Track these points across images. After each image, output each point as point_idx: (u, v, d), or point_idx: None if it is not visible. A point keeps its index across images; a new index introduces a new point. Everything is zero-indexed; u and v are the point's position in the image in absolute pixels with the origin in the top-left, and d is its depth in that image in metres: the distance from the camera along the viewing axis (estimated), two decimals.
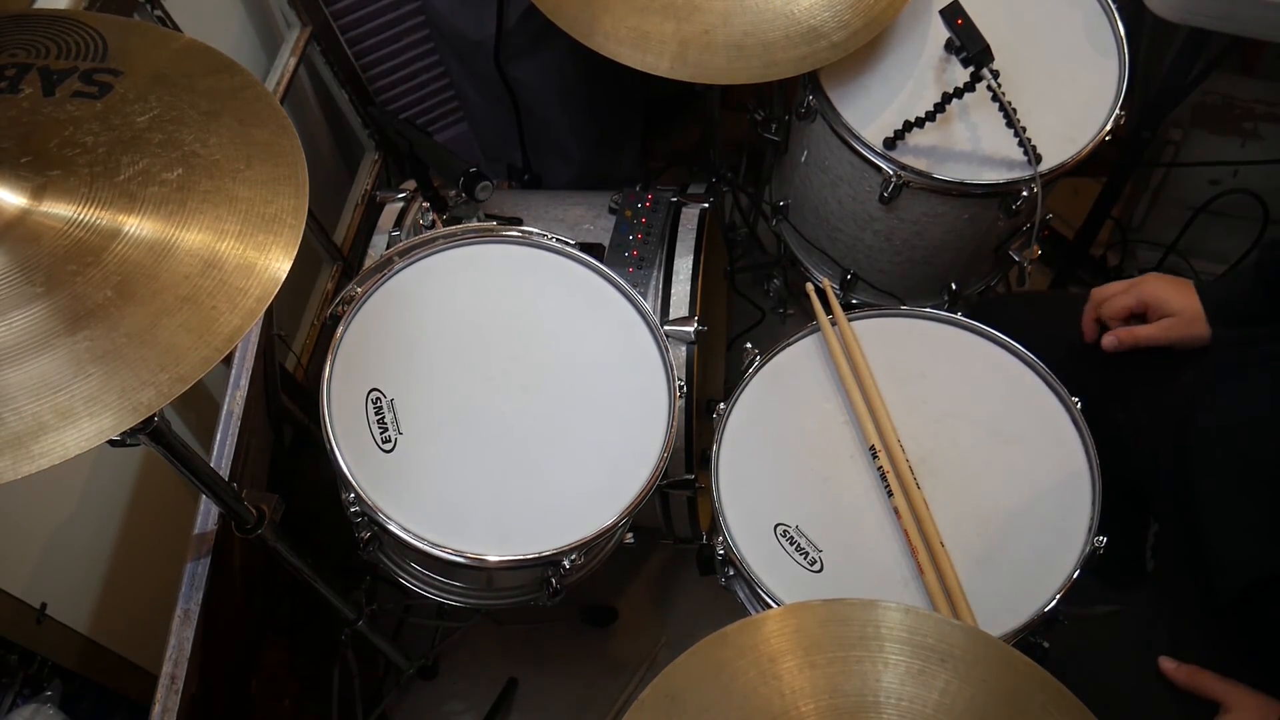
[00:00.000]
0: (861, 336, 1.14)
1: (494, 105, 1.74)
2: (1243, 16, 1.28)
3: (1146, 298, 1.07)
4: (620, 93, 1.82)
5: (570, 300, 1.15)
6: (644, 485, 1.03)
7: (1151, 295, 1.07)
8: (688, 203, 1.38)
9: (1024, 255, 1.36)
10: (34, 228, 0.70)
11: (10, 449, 0.63)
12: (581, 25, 1.17)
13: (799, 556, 1.01)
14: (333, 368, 1.05)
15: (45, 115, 0.77)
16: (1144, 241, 1.89)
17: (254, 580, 1.28)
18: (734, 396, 1.12)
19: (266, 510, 1.01)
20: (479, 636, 1.63)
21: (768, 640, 0.71)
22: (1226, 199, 1.70)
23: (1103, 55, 1.28)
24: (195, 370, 0.68)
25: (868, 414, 1.07)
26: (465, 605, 1.18)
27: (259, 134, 0.80)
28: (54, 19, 0.86)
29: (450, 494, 1.02)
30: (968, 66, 1.17)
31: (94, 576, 1.20)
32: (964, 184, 1.21)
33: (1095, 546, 0.97)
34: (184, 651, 0.99)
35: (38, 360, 0.66)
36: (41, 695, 1.03)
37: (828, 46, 1.17)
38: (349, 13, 1.67)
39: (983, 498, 1.03)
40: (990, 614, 0.95)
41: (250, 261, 0.73)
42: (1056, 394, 1.08)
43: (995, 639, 0.72)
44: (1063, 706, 0.68)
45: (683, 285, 1.28)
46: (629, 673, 1.61)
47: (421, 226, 1.31)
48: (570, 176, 1.84)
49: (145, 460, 1.29)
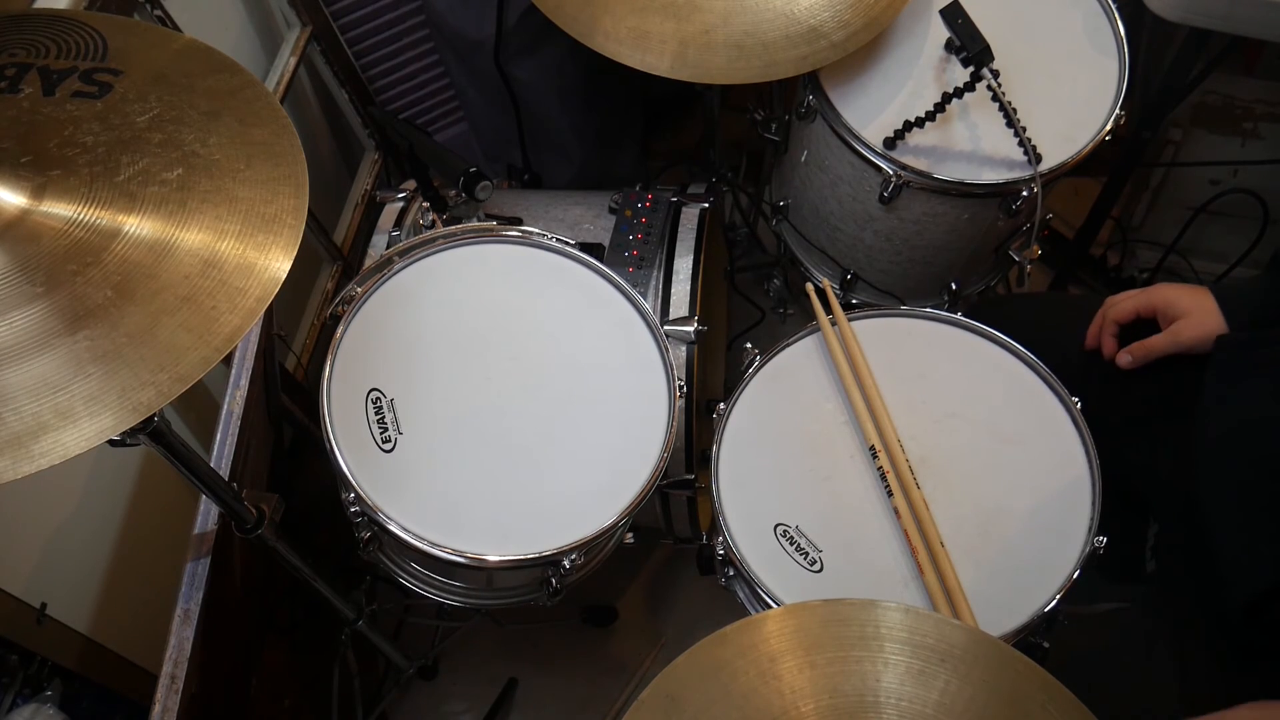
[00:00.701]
0: (861, 336, 1.14)
1: (494, 105, 1.74)
2: (1243, 16, 1.28)
3: (1157, 302, 1.06)
4: (620, 92, 1.82)
5: (570, 300, 1.15)
6: (644, 485, 1.03)
7: (1162, 299, 1.06)
8: (688, 203, 1.38)
9: (1024, 255, 1.36)
10: (34, 228, 0.70)
11: (10, 449, 0.63)
12: (581, 25, 1.17)
13: (799, 556, 1.01)
14: (333, 368, 1.05)
15: (45, 115, 0.77)
16: (1144, 241, 1.89)
17: (254, 580, 1.28)
18: (734, 396, 1.12)
19: (266, 510, 1.01)
20: (479, 636, 1.63)
21: (767, 640, 0.71)
22: (1226, 199, 1.70)
23: (1103, 55, 1.28)
24: (195, 370, 0.68)
25: (868, 414, 1.07)
26: (465, 605, 1.18)
27: (259, 134, 0.80)
28: (54, 19, 0.86)
29: (450, 494, 1.02)
30: (968, 66, 1.17)
31: (94, 576, 1.20)
32: (964, 184, 1.21)
33: (1095, 546, 0.97)
34: (184, 651, 0.98)
35: (38, 360, 0.66)
36: (41, 695, 1.03)
37: (828, 46, 1.17)
38: (349, 13, 1.67)
39: (983, 498, 1.03)
40: (990, 614, 0.95)
41: (250, 261, 0.73)
42: (1056, 394, 1.08)
43: (995, 639, 0.72)
44: (1063, 706, 0.68)
45: (683, 285, 1.28)
46: (629, 673, 1.61)
47: (421, 226, 1.31)
48: (570, 176, 1.84)
49: (145, 460, 1.29)
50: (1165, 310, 1.06)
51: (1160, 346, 1.06)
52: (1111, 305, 1.10)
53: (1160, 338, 1.06)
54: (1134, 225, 1.88)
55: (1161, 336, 1.05)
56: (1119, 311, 1.09)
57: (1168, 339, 1.05)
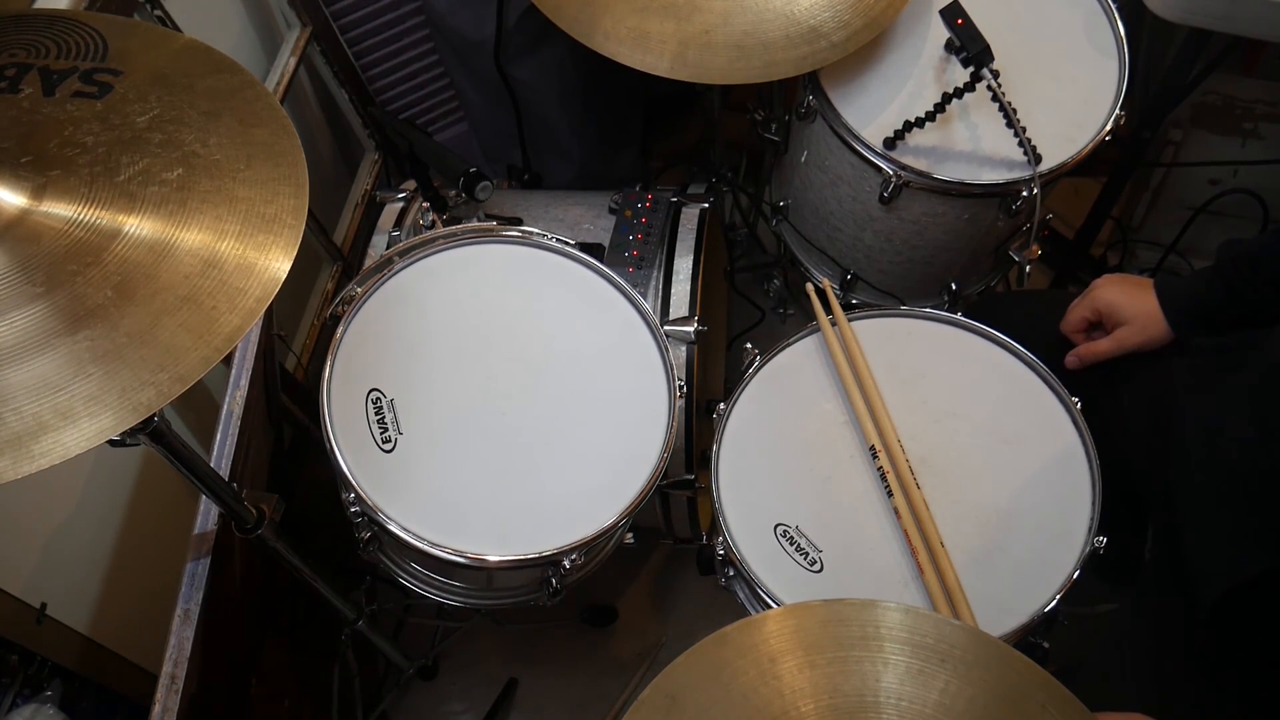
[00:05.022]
0: (861, 336, 1.14)
1: (494, 105, 1.74)
2: (1243, 16, 1.28)
3: (1100, 307, 1.08)
4: (620, 93, 1.82)
5: (570, 300, 1.15)
6: (644, 485, 1.03)
7: (1105, 304, 1.08)
8: (688, 203, 1.38)
9: (1024, 255, 1.36)
10: (34, 228, 0.70)
11: (10, 449, 0.63)
12: (581, 25, 1.17)
13: (799, 556, 1.01)
14: (333, 368, 1.05)
15: (45, 115, 0.77)
16: (1144, 241, 1.89)
17: (254, 580, 1.28)
18: (734, 396, 1.12)
19: (266, 510, 1.01)
20: (479, 636, 1.63)
21: (768, 640, 0.71)
22: (1226, 199, 1.70)
23: (1103, 55, 1.28)
24: (195, 370, 0.68)
25: (868, 414, 1.07)
26: (465, 605, 1.18)
27: (259, 134, 0.80)
28: (54, 19, 0.86)
29: (450, 494, 1.02)
30: (968, 66, 1.17)
31: (94, 576, 1.20)
32: (964, 184, 1.21)
33: (1095, 546, 0.97)
34: (184, 651, 0.98)
35: (38, 360, 0.66)
36: (41, 695, 1.03)
37: (828, 46, 1.17)
38: (349, 13, 1.67)
39: (983, 498, 1.03)
40: (990, 614, 0.95)
41: (250, 261, 0.73)
42: (1056, 394, 1.08)
43: (995, 639, 0.72)
44: (1063, 706, 0.68)
45: (683, 285, 1.28)
46: (629, 673, 1.61)
47: (421, 226, 1.31)
48: (570, 176, 1.84)
49: (145, 460, 1.29)
50: (1108, 316, 1.08)
51: (1105, 351, 1.09)
52: (1065, 317, 1.13)
53: (1104, 343, 1.09)
54: (1134, 225, 1.88)
55: (1106, 342, 1.09)
56: (1069, 324, 1.12)
57: (1112, 344, 1.08)
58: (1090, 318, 1.10)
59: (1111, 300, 1.07)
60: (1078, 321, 1.11)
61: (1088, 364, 1.10)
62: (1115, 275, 1.10)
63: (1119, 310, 1.06)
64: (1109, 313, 1.08)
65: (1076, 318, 1.11)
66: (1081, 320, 1.11)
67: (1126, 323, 1.06)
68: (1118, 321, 1.07)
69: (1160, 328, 1.05)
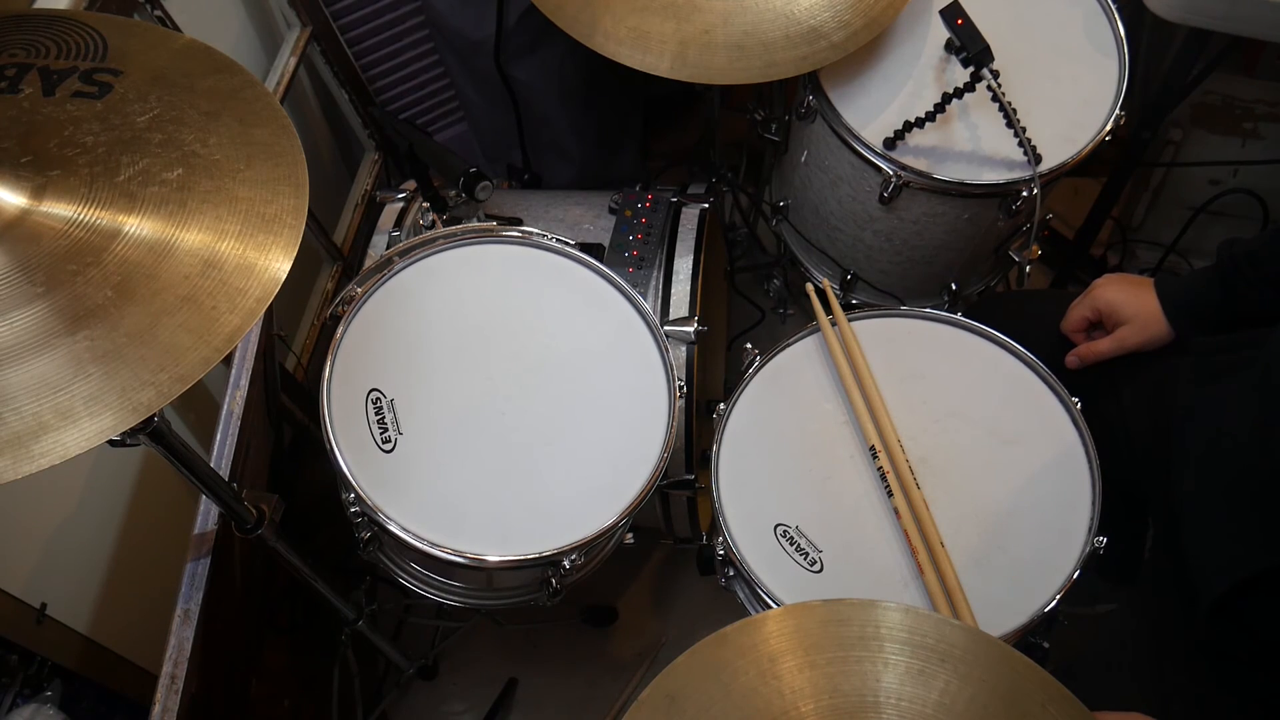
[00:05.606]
0: (861, 337, 1.14)
1: (494, 105, 1.74)
2: (1243, 16, 1.28)
3: (1101, 306, 1.08)
4: (620, 93, 1.82)
5: (570, 300, 1.15)
6: (644, 485, 1.03)
7: (1105, 304, 1.08)
8: (688, 203, 1.38)
9: (1024, 255, 1.36)
10: (34, 228, 0.70)
11: (10, 449, 0.63)
12: (581, 25, 1.17)
13: (799, 556, 1.01)
14: (333, 368, 1.05)
15: (45, 115, 0.77)
16: (1144, 241, 1.89)
17: (254, 580, 1.28)
18: (734, 396, 1.12)
19: (266, 510, 1.01)
20: (479, 636, 1.63)
21: (767, 640, 0.71)
22: (1226, 199, 1.70)
23: (1103, 55, 1.28)
24: (195, 370, 0.68)
25: (868, 414, 1.07)
26: (465, 605, 1.18)
27: (259, 134, 0.80)
28: (54, 19, 0.86)
29: (450, 494, 1.02)
30: (968, 66, 1.17)
31: (94, 576, 1.20)
32: (964, 184, 1.21)
33: (1095, 546, 0.97)
34: (184, 651, 0.99)
35: (38, 360, 0.66)
36: (41, 695, 1.03)
37: (828, 46, 1.17)
38: (349, 13, 1.67)
39: (983, 498, 1.03)
40: (990, 614, 0.95)
41: (250, 261, 0.73)
42: (1056, 394, 1.08)
43: (995, 639, 0.72)
44: (1063, 706, 0.68)
45: (683, 285, 1.28)
46: (629, 673, 1.61)
47: (421, 226, 1.31)
48: (570, 176, 1.84)
49: (145, 460, 1.29)
50: (1109, 316, 1.08)
51: (1106, 351, 1.09)
52: (1066, 316, 1.13)
53: (1105, 343, 1.09)
54: (1134, 225, 1.88)
55: (1106, 342, 1.09)
56: (1069, 324, 1.12)
57: (1113, 344, 1.08)
58: (1090, 317, 1.10)
59: (1112, 300, 1.07)
60: (1078, 321, 1.11)
61: (1088, 364, 1.10)
62: (1115, 275, 1.10)
63: (1119, 310, 1.06)
64: (1109, 312, 1.08)
65: (1077, 317, 1.11)
66: (1082, 320, 1.11)
67: (1127, 322, 1.06)
68: (1118, 321, 1.07)
69: (1161, 327, 1.05)
